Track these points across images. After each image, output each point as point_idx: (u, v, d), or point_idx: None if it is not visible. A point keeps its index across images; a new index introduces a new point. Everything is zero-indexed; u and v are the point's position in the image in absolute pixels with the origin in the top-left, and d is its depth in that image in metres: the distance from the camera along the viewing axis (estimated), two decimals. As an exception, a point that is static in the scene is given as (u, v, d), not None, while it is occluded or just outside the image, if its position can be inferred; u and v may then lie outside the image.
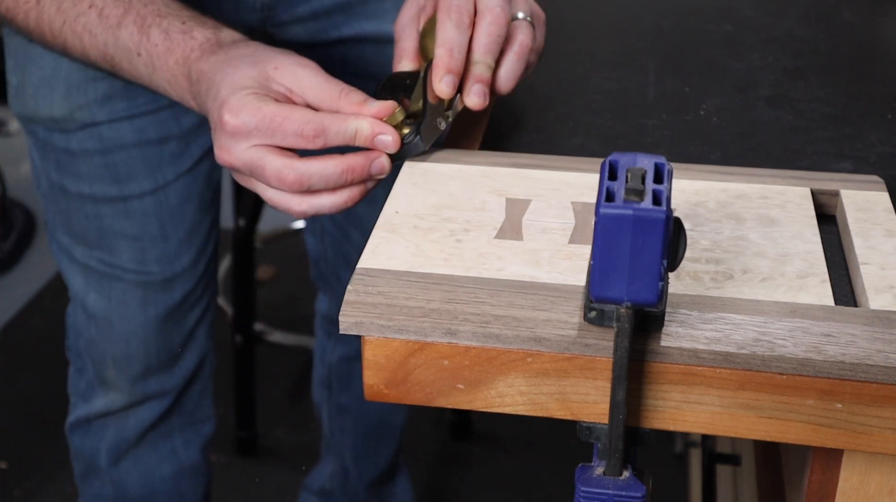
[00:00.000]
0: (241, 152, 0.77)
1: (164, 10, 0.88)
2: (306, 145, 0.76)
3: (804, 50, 1.07)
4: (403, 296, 0.65)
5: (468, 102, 0.81)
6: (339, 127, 0.76)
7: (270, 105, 0.76)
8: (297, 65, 0.79)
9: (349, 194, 0.78)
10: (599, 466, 0.62)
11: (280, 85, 0.78)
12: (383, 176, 0.78)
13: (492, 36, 0.80)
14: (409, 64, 0.83)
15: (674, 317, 0.62)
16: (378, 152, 0.77)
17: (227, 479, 1.93)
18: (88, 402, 1.26)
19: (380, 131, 0.77)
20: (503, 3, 0.81)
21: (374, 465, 1.58)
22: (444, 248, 0.70)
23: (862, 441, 0.61)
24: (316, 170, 0.76)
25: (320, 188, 0.77)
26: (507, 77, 0.82)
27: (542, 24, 0.87)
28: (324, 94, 0.78)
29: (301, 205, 0.78)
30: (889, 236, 0.71)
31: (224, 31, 0.86)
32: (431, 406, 0.64)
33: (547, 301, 0.64)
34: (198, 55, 0.83)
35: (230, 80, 0.78)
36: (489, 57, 0.81)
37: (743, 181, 0.77)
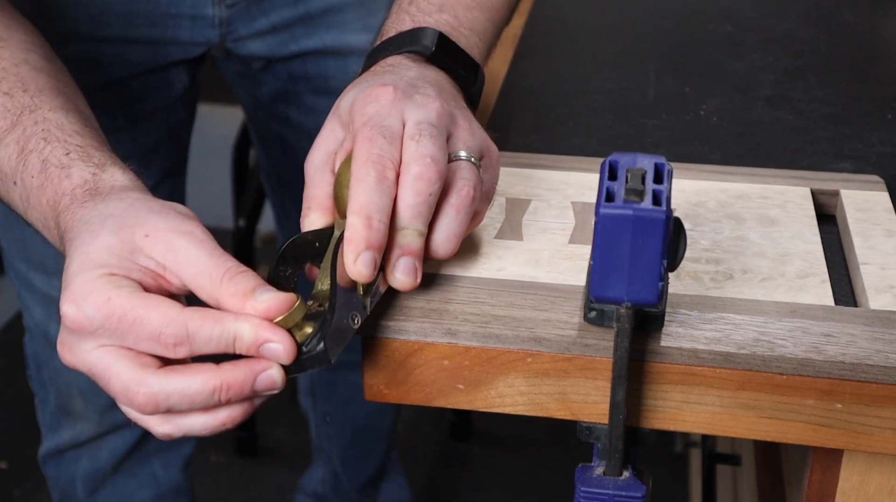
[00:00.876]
0: (84, 354, 0.60)
1: (53, 133, 0.70)
2: (166, 354, 0.59)
3: (804, 50, 1.07)
4: (403, 296, 0.65)
5: (393, 283, 0.63)
6: (211, 331, 0.58)
7: (123, 296, 0.58)
8: (174, 232, 0.61)
9: (227, 415, 0.60)
10: (599, 466, 0.62)
11: (150, 259, 0.61)
12: (275, 391, 0.60)
13: (421, 195, 0.63)
14: (320, 219, 0.66)
15: (674, 317, 0.62)
16: (266, 362, 0.59)
17: (227, 479, 1.93)
18: (56, 434, 1.23)
19: (266, 339, 0.58)
20: (434, 149, 0.64)
21: (364, 469, 1.58)
22: (444, 248, 0.70)
23: (862, 441, 0.61)
24: (176, 387, 0.58)
25: (184, 409, 0.59)
26: (444, 239, 0.65)
27: (493, 163, 0.70)
28: (202, 275, 0.60)
29: (162, 426, 0.61)
30: (889, 236, 0.71)
31: (108, 170, 0.68)
32: (431, 406, 0.64)
33: (547, 301, 0.64)
34: (67, 202, 0.66)
35: (82, 252, 0.61)
36: (418, 221, 0.63)
37: (743, 181, 0.77)
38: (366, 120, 0.65)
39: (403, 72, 0.71)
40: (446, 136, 0.66)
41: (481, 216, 0.69)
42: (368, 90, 0.67)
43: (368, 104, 0.66)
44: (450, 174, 0.65)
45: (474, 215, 0.67)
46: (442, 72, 0.74)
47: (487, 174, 0.69)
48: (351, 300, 0.61)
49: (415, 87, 0.68)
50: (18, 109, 0.71)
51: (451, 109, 0.68)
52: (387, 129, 0.64)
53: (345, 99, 0.69)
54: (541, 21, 1.15)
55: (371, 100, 0.66)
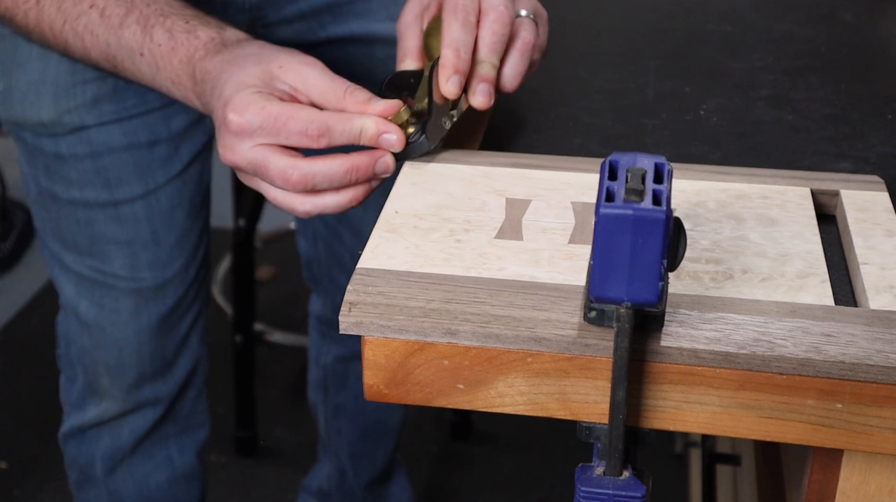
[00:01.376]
0: (245, 151, 0.76)
1: (167, 10, 0.87)
2: (310, 144, 0.76)
3: (804, 50, 1.07)
4: (403, 296, 0.65)
5: (473, 102, 0.81)
6: (343, 126, 0.76)
7: (275, 104, 0.76)
8: (302, 63, 0.79)
9: (353, 193, 0.78)
10: (599, 466, 0.62)
11: (285, 83, 0.78)
12: (388, 175, 0.78)
13: (496, 35, 0.80)
14: (413, 63, 0.83)
15: (674, 317, 0.62)
16: (382, 151, 0.77)
17: (227, 479, 1.93)
18: (81, 411, 1.25)
19: (384, 130, 0.77)
20: (507, 1, 0.81)
21: (371, 466, 1.58)
22: (444, 248, 0.70)
23: (862, 441, 0.61)
24: (320, 169, 0.75)
25: (324, 188, 0.76)
26: (511, 75, 0.82)
27: (544, 22, 0.87)
28: (328, 92, 0.78)
29: (305, 204, 0.77)
30: (889, 236, 0.71)
31: (228, 30, 0.85)
32: (431, 406, 0.64)
33: (547, 301, 0.64)
34: (202, 54, 0.83)
35: (235, 79, 0.78)
36: (494, 56, 0.81)
37: (743, 181, 0.77)
38: None
39: None
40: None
41: (535, 64, 0.87)
42: None
43: None
44: (514, 27, 0.83)
45: (531, 64, 0.85)
46: None
47: (541, 29, 0.86)
48: (443, 109, 0.80)
49: None
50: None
51: None
52: None
53: None
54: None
55: None
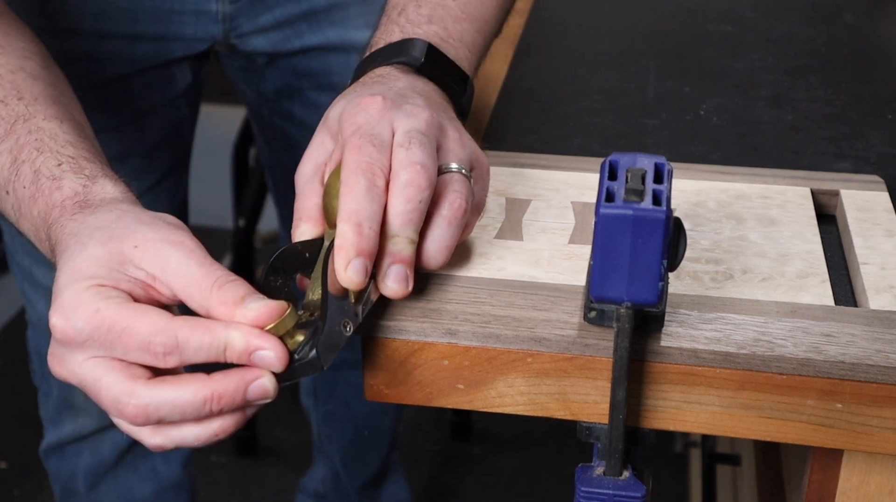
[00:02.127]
0: (74, 366, 0.60)
1: (46, 143, 0.70)
2: (156, 364, 0.59)
3: (804, 50, 1.07)
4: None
5: (385, 290, 0.63)
6: (201, 339, 0.58)
7: (112, 308, 0.58)
8: (164, 242, 0.61)
9: (220, 425, 0.60)
10: (599, 466, 0.62)
11: (139, 270, 0.60)
12: (268, 400, 0.60)
13: (412, 202, 0.63)
14: (310, 229, 0.66)
15: (674, 317, 0.62)
16: (258, 370, 0.59)
17: (227, 479, 1.93)
18: (58, 427, 1.24)
19: (257, 346, 0.58)
20: (424, 156, 0.64)
21: (365, 470, 1.58)
22: (445, 248, 0.70)
23: (862, 441, 0.61)
24: (166, 399, 0.58)
25: (175, 420, 0.59)
26: (436, 250, 0.65)
27: (484, 174, 0.70)
28: (192, 285, 0.60)
29: (153, 437, 0.60)
30: (889, 236, 0.71)
31: (98, 182, 0.68)
32: (431, 406, 0.64)
33: (547, 301, 0.64)
34: (57, 214, 0.66)
35: (71, 265, 0.61)
36: (409, 229, 0.63)
37: (743, 181, 0.77)
38: (354, 129, 0.65)
39: (392, 82, 0.71)
40: (436, 147, 0.66)
41: (471, 227, 0.70)
42: (357, 100, 0.67)
43: (357, 114, 0.66)
44: (441, 186, 0.65)
45: (465, 227, 0.67)
46: (431, 83, 0.74)
47: (478, 185, 0.69)
48: (342, 307, 0.61)
49: (404, 98, 0.68)
50: (13, 118, 0.71)
51: (441, 120, 0.68)
52: (376, 138, 0.64)
53: (333, 110, 0.69)
54: (541, 21, 1.15)
55: (360, 109, 0.66)
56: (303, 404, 1.59)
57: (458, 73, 0.76)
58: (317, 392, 1.52)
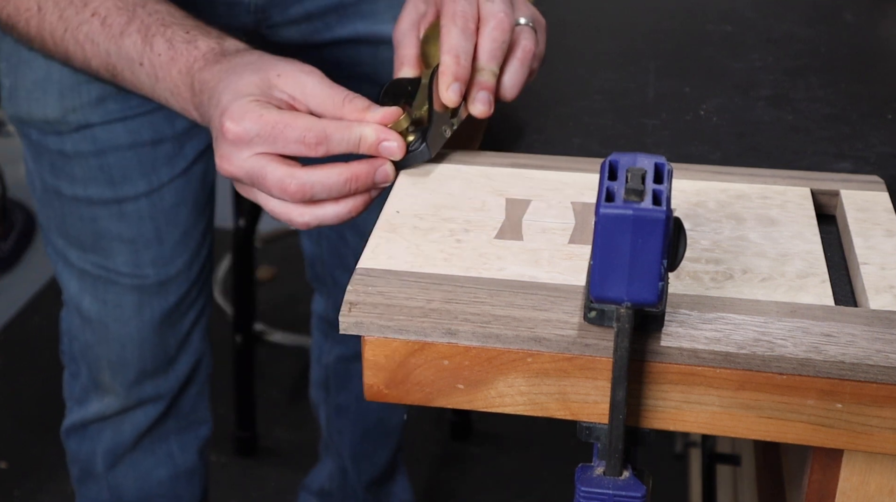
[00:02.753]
0: (242, 161, 0.75)
1: (168, 20, 0.85)
2: (308, 153, 0.74)
3: (804, 50, 1.07)
4: (403, 296, 0.65)
5: (473, 110, 0.79)
6: (342, 134, 0.75)
7: (272, 112, 0.74)
8: (300, 72, 0.78)
9: (353, 204, 0.76)
10: (599, 466, 0.62)
11: (283, 92, 0.77)
12: (388, 184, 0.77)
13: (496, 42, 0.79)
14: (411, 70, 0.82)
15: (674, 317, 0.62)
16: (382, 160, 0.76)
17: (227, 479, 1.93)
18: (83, 407, 1.25)
19: (384, 138, 0.75)
20: (506, 8, 0.80)
21: (373, 466, 1.58)
22: (444, 248, 0.70)
23: (862, 441, 0.61)
24: (318, 179, 0.74)
25: (323, 198, 0.75)
26: (511, 84, 0.81)
27: (543, 30, 0.86)
28: (327, 101, 0.77)
29: (303, 215, 0.76)
30: (889, 236, 0.71)
31: (228, 40, 0.84)
32: (431, 406, 0.64)
33: (547, 301, 0.64)
34: (201, 65, 0.81)
35: (232, 88, 0.77)
36: (494, 63, 0.79)
37: (743, 181, 0.77)
38: None
39: None
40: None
41: (535, 73, 0.85)
42: None
43: None
44: (514, 36, 0.82)
45: (530, 73, 0.83)
46: None
47: (540, 38, 0.85)
48: (443, 117, 0.79)
49: None
50: (131, 5, 0.87)
51: None
52: None
53: None
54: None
55: None
56: (311, 399, 1.59)
57: None
58: (329, 384, 1.52)
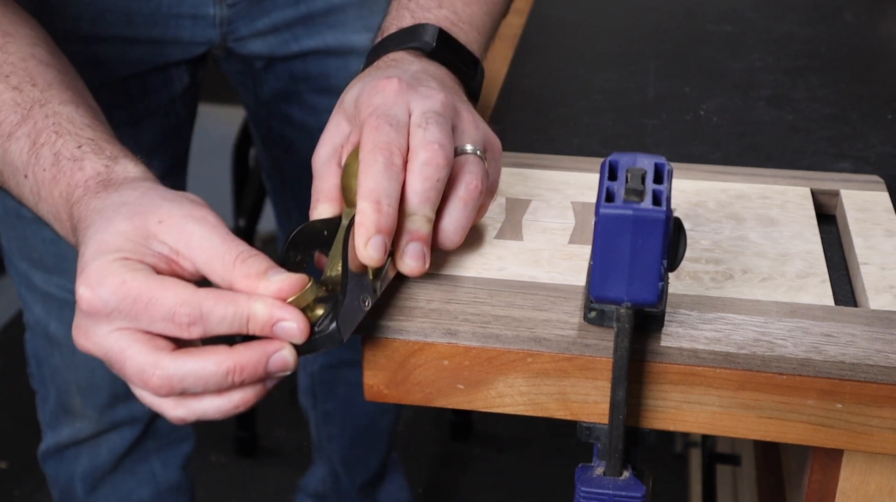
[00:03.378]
0: (100, 338, 0.61)
1: (64, 126, 0.71)
2: (181, 334, 0.60)
3: (804, 50, 1.07)
4: (403, 296, 0.65)
5: (402, 268, 0.65)
6: (224, 310, 0.59)
7: (137, 279, 0.60)
8: (187, 218, 0.62)
9: (241, 398, 0.61)
10: (599, 466, 0.62)
11: (163, 244, 0.62)
12: (288, 372, 0.61)
13: (429, 181, 0.64)
14: (328, 209, 0.68)
15: (674, 317, 0.62)
16: (279, 343, 0.60)
17: (227, 479, 1.93)
18: (55, 431, 1.24)
19: (280, 317, 0.60)
20: (442, 136, 0.65)
21: (364, 469, 1.58)
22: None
23: (862, 441, 0.61)
24: (190, 370, 0.59)
25: (199, 391, 0.60)
26: (453, 229, 0.66)
27: (497, 156, 0.72)
28: (215, 259, 0.61)
29: (176, 410, 0.61)
30: (889, 236, 0.71)
31: (121, 163, 0.70)
32: (431, 406, 0.64)
33: (547, 301, 0.64)
34: (81, 193, 0.68)
35: (97, 240, 0.62)
36: (427, 207, 0.64)
37: (743, 181, 0.77)
38: (372, 110, 0.66)
39: (406, 66, 0.72)
40: (451, 128, 0.67)
41: (485, 209, 0.71)
42: (374, 83, 0.68)
43: (374, 96, 0.67)
44: (457, 167, 0.67)
45: (479, 208, 0.69)
46: (443, 67, 0.75)
47: (491, 167, 0.70)
48: (362, 282, 0.62)
49: (419, 80, 0.69)
50: (28, 103, 0.72)
51: (455, 102, 0.69)
52: (393, 118, 0.65)
53: (350, 93, 0.70)
54: (541, 21, 1.15)
55: (377, 91, 0.67)
56: (301, 404, 1.59)
57: (469, 56, 0.77)
58: (315, 392, 1.52)
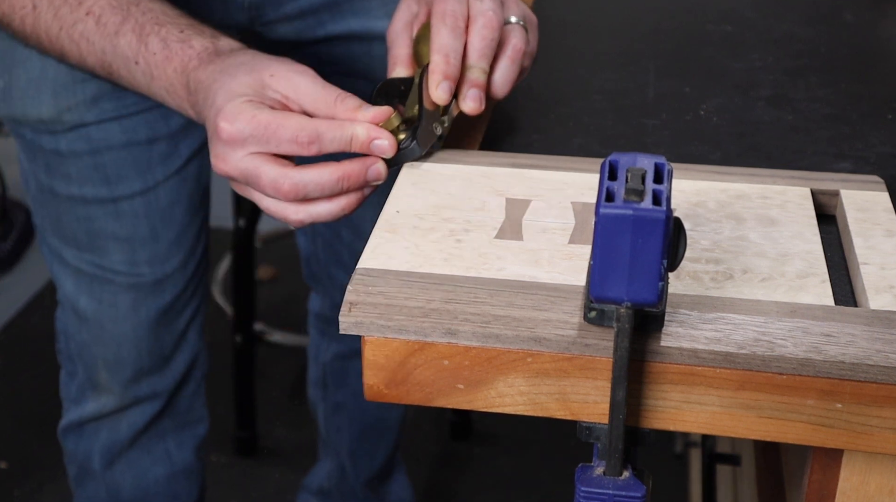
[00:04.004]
0: (236, 161, 0.76)
1: (162, 18, 0.87)
2: (301, 152, 0.76)
3: (804, 50, 1.07)
4: (403, 296, 0.65)
5: (464, 107, 0.81)
6: (334, 133, 0.76)
7: (265, 112, 0.76)
8: (293, 72, 0.79)
9: (346, 201, 0.77)
10: (599, 466, 0.62)
11: (276, 92, 0.78)
12: (380, 182, 0.78)
13: (486, 40, 0.80)
14: (404, 70, 0.83)
15: (674, 317, 0.62)
16: (374, 158, 0.77)
17: (227, 479, 1.93)
18: (80, 406, 1.26)
19: (375, 136, 0.77)
20: (496, 6, 0.81)
21: (371, 464, 1.58)
22: (444, 248, 0.70)
23: (862, 441, 0.61)
24: (312, 178, 0.75)
25: (317, 196, 0.76)
26: (502, 81, 0.83)
27: (534, 28, 0.87)
28: (319, 100, 0.78)
29: (298, 213, 0.77)
30: (889, 236, 0.71)
31: (222, 39, 0.85)
32: (431, 406, 0.64)
33: (547, 301, 0.64)
34: (196, 64, 0.83)
35: (226, 88, 0.78)
36: (484, 61, 0.81)
37: (743, 181, 0.77)
38: None
39: None
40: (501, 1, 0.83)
41: (527, 71, 0.87)
42: None
43: None
44: (504, 34, 0.83)
45: (522, 71, 0.85)
46: None
47: (531, 36, 0.86)
48: (434, 115, 0.79)
49: None
50: (126, 4, 0.88)
51: None
52: None
53: None
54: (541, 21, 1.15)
55: None
56: (310, 397, 1.59)
57: None
58: (326, 382, 1.52)
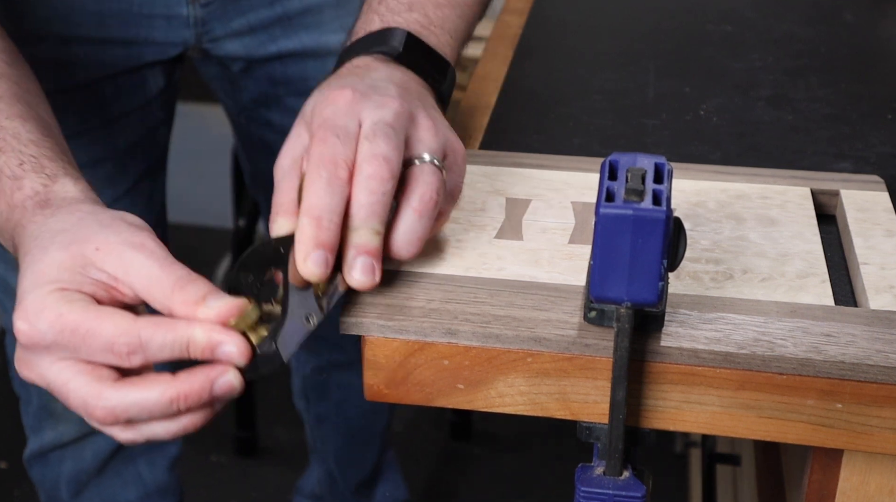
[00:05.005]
0: (42, 369, 0.60)
1: (8, 142, 0.70)
2: (121, 364, 0.59)
3: (804, 50, 1.07)
4: (403, 296, 0.65)
5: (351, 282, 0.63)
6: (164, 337, 0.59)
7: (75, 311, 0.59)
8: (125, 245, 0.61)
9: (188, 421, 0.60)
10: (599, 466, 0.62)
11: (101, 272, 0.61)
12: (234, 395, 0.61)
13: (374, 194, 0.62)
14: (288, 223, 0.64)
15: (674, 317, 0.62)
16: (223, 366, 0.60)
17: (227, 479, 1.93)
18: (39, 435, 1.23)
19: (219, 341, 0.59)
20: (387, 148, 0.63)
21: (360, 470, 1.58)
22: (444, 248, 0.70)
23: (862, 441, 0.61)
24: (134, 400, 0.59)
25: (145, 419, 0.60)
26: (405, 241, 0.64)
27: (458, 162, 0.70)
28: (155, 285, 0.60)
29: (125, 433, 0.61)
30: (889, 236, 0.71)
31: (60, 181, 0.68)
32: (431, 406, 0.64)
33: (547, 301, 0.64)
34: (19, 215, 0.66)
35: (34, 268, 0.61)
36: (373, 220, 0.63)
37: (743, 181, 0.77)
38: (321, 122, 0.65)
39: (369, 73, 0.71)
40: (404, 137, 0.66)
41: (446, 216, 0.69)
42: (327, 93, 0.68)
43: (326, 107, 0.66)
44: (412, 177, 0.65)
45: (439, 216, 0.67)
46: (410, 72, 0.73)
47: (452, 173, 0.69)
48: (305, 300, 0.61)
49: (375, 89, 0.68)
50: None
51: (412, 109, 0.67)
52: (341, 130, 0.64)
53: (309, 103, 0.70)
54: (541, 21, 1.15)
55: (329, 103, 0.67)
56: (296, 406, 1.59)
57: (439, 60, 0.76)
58: (308, 395, 1.52)
